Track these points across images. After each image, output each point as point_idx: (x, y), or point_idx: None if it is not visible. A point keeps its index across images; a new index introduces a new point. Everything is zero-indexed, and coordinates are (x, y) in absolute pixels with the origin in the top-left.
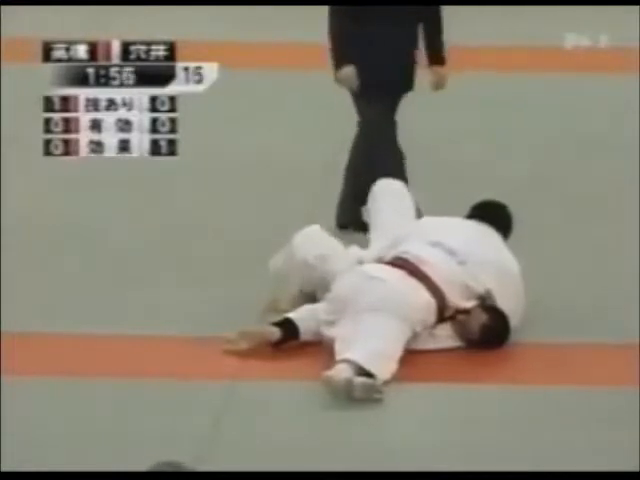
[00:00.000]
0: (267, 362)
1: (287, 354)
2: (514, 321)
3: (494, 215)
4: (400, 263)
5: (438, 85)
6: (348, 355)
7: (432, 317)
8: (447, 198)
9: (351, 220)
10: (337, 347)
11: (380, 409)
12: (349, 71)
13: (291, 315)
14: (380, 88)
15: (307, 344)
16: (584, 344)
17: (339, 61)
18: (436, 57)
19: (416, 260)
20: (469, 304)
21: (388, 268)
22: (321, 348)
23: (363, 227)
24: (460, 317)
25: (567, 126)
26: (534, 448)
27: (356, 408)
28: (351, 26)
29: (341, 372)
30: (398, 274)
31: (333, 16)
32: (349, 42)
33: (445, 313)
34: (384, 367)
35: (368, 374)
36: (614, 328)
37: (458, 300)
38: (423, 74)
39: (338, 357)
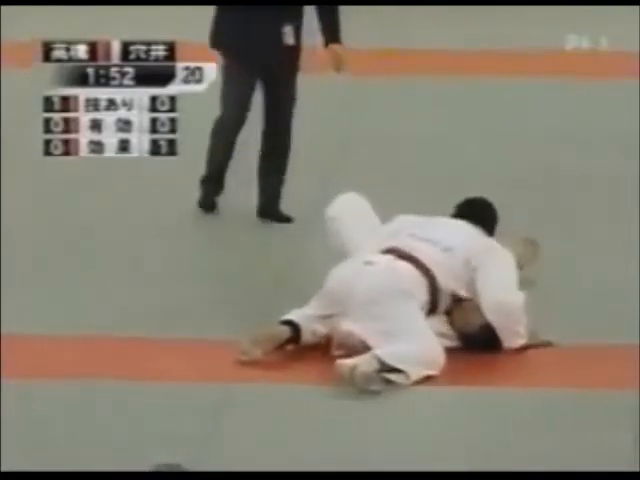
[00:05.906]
0: (266, 364)
1: (286, 356)
2: (510, 297)
3: (479, 213)
4: (390, 250)
5: (336, 65)
6: (376, 352)
7: (425, 297)
8: (447, 199)
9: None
10: (370, 340)
11: (380, 411)
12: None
13: (288, 316)
14: (247, 71)
15: (305, 347)
16: (584, 346)
17: (210, 44)
18: (330, 36)
19: (405, 247)
20: (463, 292)
21: (379, 254)
22: (320, 350)
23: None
24: (466, 304)
25: (567, 128)
26: (534, 448)
27: (355, 409)
28: (226, 9)
29: (359, 362)
30: (388, 257)
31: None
32: (220, 25)
33: (438, 298)
34: (416, 367)
35: (396, 370)
36: (614, 329)
37: (450, 284)
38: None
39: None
